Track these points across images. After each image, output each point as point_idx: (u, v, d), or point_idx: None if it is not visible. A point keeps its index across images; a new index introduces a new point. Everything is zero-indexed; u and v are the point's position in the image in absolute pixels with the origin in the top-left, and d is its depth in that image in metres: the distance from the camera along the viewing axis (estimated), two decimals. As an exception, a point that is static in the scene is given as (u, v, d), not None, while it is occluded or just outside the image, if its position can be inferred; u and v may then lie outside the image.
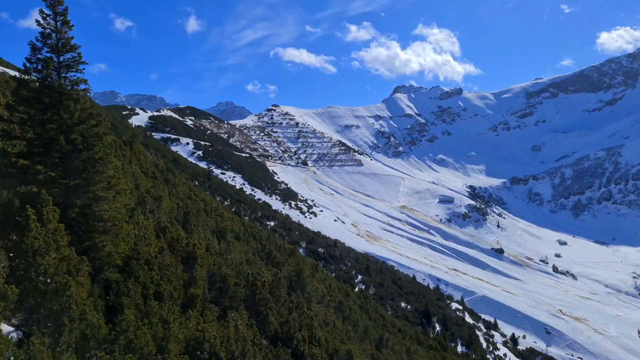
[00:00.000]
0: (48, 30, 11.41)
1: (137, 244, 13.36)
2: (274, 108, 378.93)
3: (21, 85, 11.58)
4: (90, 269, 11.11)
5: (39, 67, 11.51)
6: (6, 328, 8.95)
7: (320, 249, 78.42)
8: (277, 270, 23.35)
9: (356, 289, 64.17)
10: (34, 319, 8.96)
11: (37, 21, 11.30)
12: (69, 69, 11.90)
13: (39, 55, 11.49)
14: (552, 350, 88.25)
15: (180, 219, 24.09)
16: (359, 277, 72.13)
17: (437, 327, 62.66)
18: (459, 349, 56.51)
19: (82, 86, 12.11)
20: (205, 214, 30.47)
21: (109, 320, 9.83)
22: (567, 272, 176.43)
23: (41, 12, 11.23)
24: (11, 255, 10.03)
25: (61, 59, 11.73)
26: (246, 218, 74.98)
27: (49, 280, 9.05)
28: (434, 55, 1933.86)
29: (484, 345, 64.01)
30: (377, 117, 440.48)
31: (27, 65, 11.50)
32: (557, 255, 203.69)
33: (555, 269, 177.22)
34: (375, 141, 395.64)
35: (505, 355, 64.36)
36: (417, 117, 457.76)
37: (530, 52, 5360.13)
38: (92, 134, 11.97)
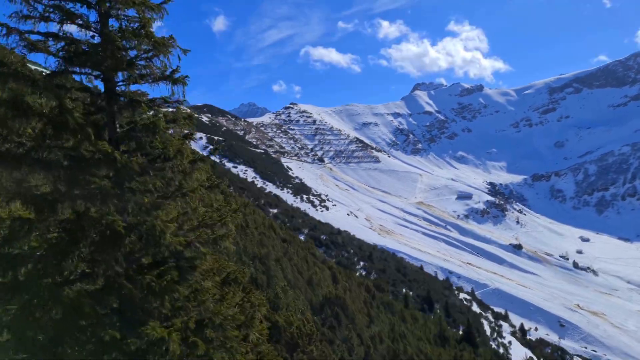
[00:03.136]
0: None
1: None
2: (291, 106, 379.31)
3: None
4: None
5: None
6: None
7: (322, 236, 77.60)
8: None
9: (357, 274, 63.22)
10: None
11: None
12: None
13: None
14: (566, 343, 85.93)
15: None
16: (361, 263, 71.11)
17: (439, 313, 61.14)
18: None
19: None
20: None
21: None
22: (588, 268, 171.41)
23: None
24: None
25: None
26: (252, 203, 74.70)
27: None
28: (463, 53, 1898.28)
29: (488, 332, 62.23)
30: (396, 115, 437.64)
31: None
32: (579, 252, 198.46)
33: (575, 264, 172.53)
34: (394, 138, 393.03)
35: (510, 342, 62.52)
36: (437, 114, 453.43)
37: (561, 48, 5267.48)
38: None
